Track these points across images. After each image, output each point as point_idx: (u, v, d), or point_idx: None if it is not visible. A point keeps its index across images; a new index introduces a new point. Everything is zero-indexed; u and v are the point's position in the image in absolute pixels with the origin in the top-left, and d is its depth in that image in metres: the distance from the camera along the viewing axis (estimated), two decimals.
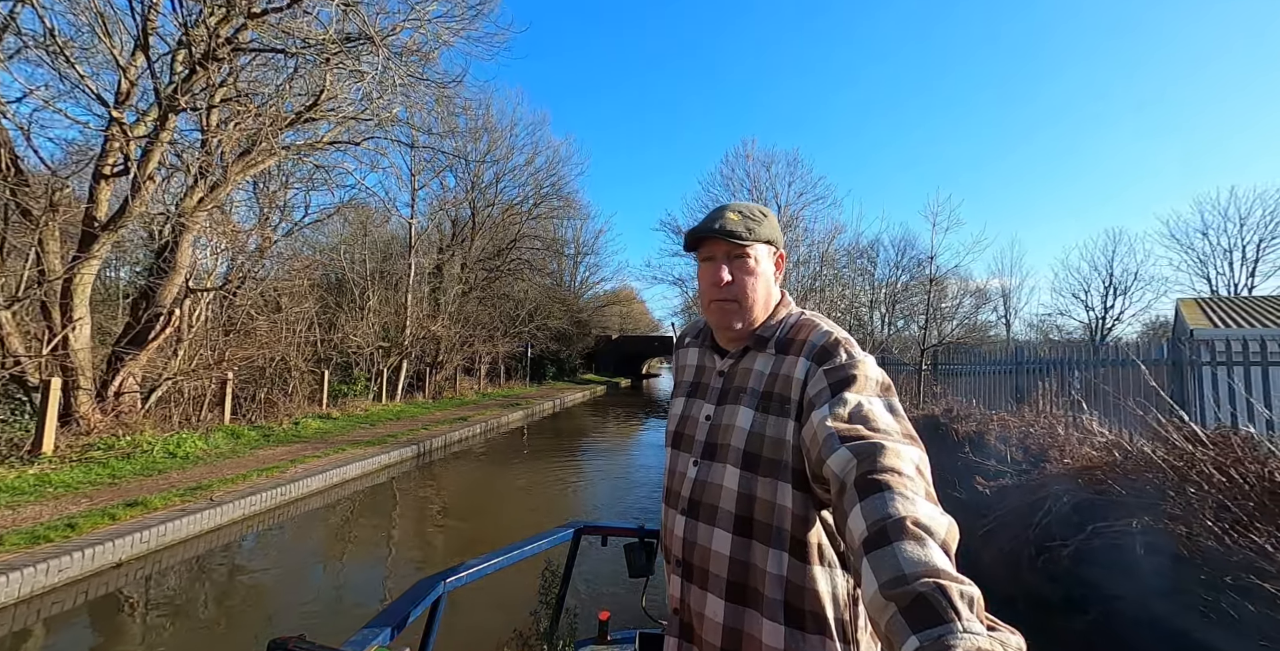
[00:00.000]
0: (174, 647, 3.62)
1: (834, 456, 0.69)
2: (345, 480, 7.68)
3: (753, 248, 0.94)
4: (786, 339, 0.93)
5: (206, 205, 9.07)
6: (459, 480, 8.62)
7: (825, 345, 0.86)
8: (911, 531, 0.55)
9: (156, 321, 8.92)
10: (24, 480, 5.77)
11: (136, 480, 6.31)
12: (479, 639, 3.25)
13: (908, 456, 0.66)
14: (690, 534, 0.91)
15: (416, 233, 18.67)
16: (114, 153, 7.78)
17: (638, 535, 1.68)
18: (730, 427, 0.91)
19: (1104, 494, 3.93)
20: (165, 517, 5.09)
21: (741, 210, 0.96)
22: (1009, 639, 0.45)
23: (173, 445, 7.64)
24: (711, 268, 0.95)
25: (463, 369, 20.76)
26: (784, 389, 0.87)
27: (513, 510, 7.10)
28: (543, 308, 26.97)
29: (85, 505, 5.25)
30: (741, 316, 0.94)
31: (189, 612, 4.06)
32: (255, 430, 9.57)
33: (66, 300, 7.62)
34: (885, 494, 0.60)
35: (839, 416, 0.74)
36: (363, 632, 1.03)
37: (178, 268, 9.20)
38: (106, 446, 7.21)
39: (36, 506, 5.15)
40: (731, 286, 0.93)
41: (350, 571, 5.03)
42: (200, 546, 5.21)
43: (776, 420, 0.86)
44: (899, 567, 0.52)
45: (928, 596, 0.47)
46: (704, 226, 0.93)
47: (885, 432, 0.71)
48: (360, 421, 11.99)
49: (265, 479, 6.70)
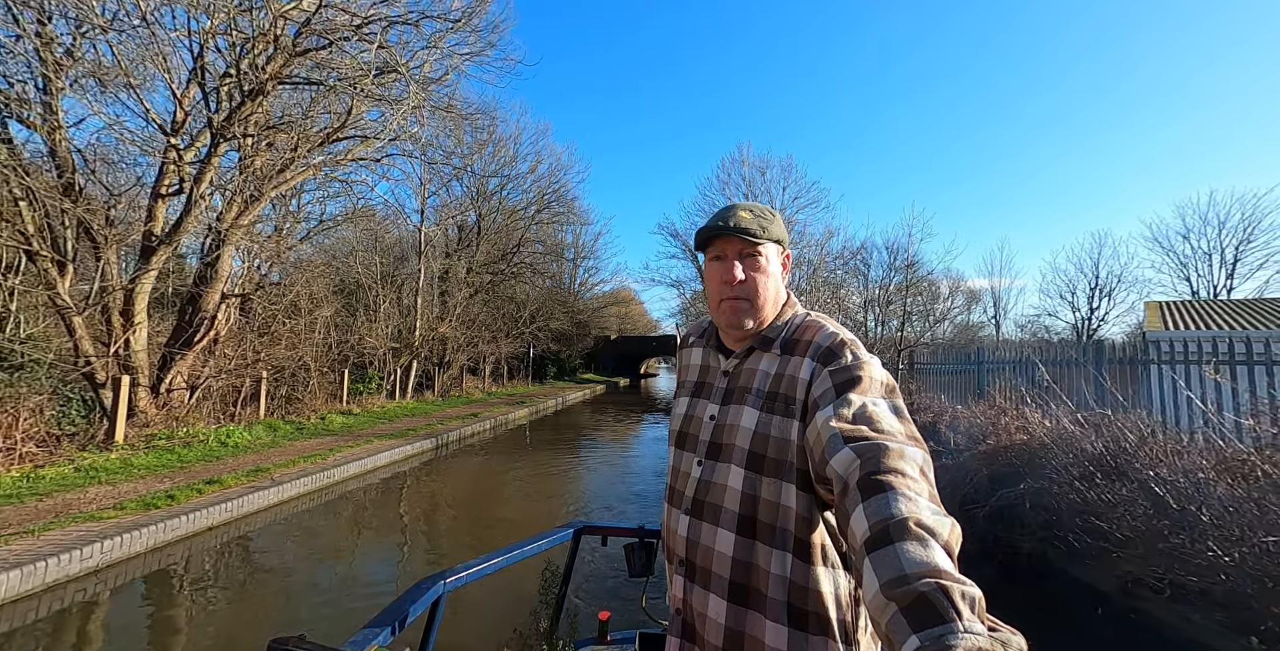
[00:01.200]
0: (268, 584, 4.57)
1: (837, 457, 0.70)
2: (377, 467, 8.63)
3: (764, 246, 0.94)
4: (792, 339, 0.93)
5: (244, 219, 10.01)
6: (476, 468, 9.58)
7: (831, 346, 0.87)
8: (914, 532, 0.55)
9: (201, 325, 9.85)
10: (111, 463, 6.71)
11: (201, 464, 7.25)
12: (479, 639, 3.27)
13: (911, 457, 0.67)
14: (693, 533, 0.91)
15: (426, 239, 19.59)
16: (170, 175, 8.72)
17: (638, 535, 1.69)
18: (735, 427, 0.91)
19: (1010, 466, 4.94)
20: (240, 493, 6.04)
21: (753, 209, 0.96)
22: (1010, 639, 0.45)
23: (223, 436, 8.58)
24: (722, 266, 0.95)
25: (468, 369, 21.71)
26: (789, 389, 0.88)
27: (525, 492, 8.06)
28: (544, 309, 27.94)
29: (169, 483, 6.19)
30: (752, 315, 0.94)
31: (271, 563, 5.01)
32: (288, 424, 10.50)
33: (129, 307, 8.56)
34: (888, 494, 0.60)
35: (843, 417, 0.74)
36: (363, 632, 1.03)
37: (219, 276, 10.13)
38: (167, 436, 8.14)
39: (130, 484, 6.09)
40: (744, 285, 0.93)
41: (396, 532, 5.99)
42: (271, 516, 6.17)
43: (781, 420, 0.86)
44: (900, 567, 0.52)
45: (929, 596, 0.48)
46: (716, 224, 0.93)
47: (889, 434, 0.71)
48: (378, 417, 12.93)
49: (311, 465, 7.64)
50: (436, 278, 21.50)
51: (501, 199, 24.64)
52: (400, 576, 4.87)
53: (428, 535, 6.13)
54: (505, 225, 24.63)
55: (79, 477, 6.11)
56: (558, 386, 26.60)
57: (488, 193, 23.83)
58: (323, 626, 3.92)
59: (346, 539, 5.80)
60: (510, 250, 25.20)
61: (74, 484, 5.95)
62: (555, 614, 1.96)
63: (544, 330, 27.46)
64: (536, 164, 25.94)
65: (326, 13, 8.48)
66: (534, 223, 26.68)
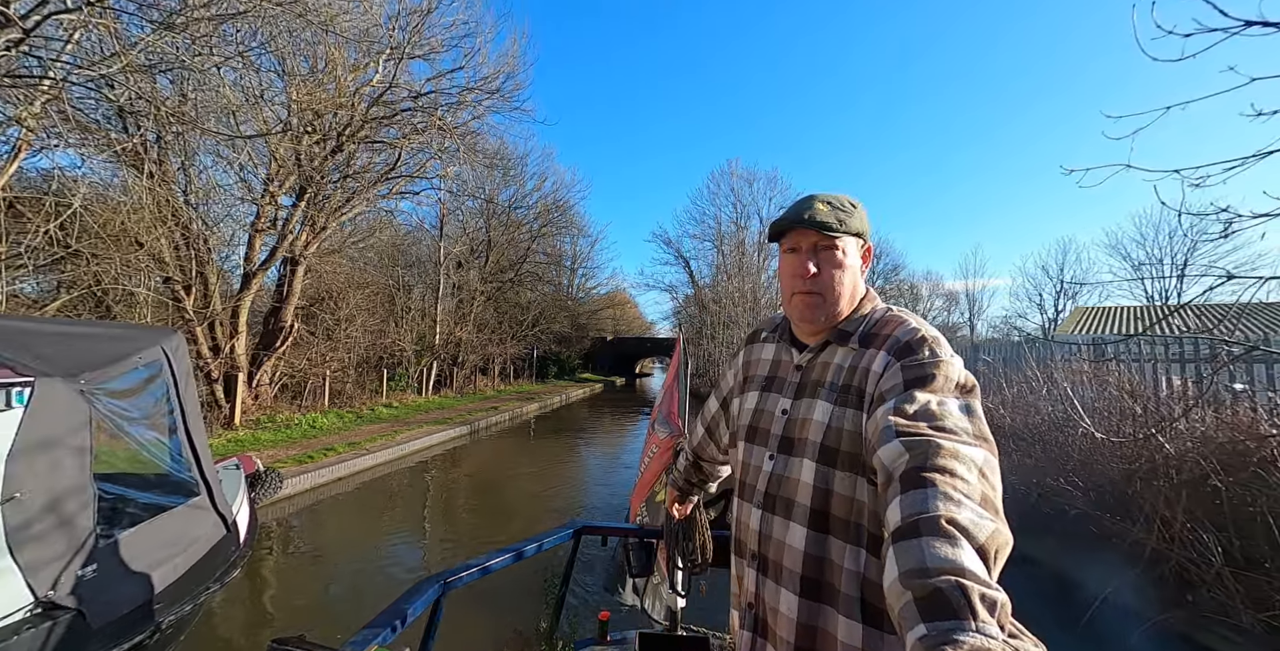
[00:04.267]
0: (389, 514, 6.88)
1: (885, 448, 0.70)
2: (430, 445, 10.95)
3: (842, 239, 0.92)
4: (870, 333, 0.91)
5: (312, 247, 12.28)
6: (510, 446, 11.92)
7: (910, 341, 0.85)
8: (944, 529, 0.55)
9: (280, 332, 12.11)
10: (243, 438, 8.98)
11: (304, 440, 9.52)
12: (479, 639, 3.32)
13: (967, 457, 0.65)
14: (765, 528, 0.92)
15: (445, 252, 21.88)
16: (265, 215, 10.98)
17: (638, 535, 1.70)
18: (807, 421, 0.90)
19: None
20: (350, 457, 8.35)
21: (831, 200, 0.93)
22: (1028, 648, 0.44)
23: (309, 421, 10.86)
24: (796, 259, 0.93)
25: (479, 368, 23.96)
26: (861, 382, 0.86)
27: (548, 460, 10.40)
28: (547, 313, 30.27)
29: (298, 450, 8.48)
30: (825, 310, 0.93)
31: (383, 503, 7.32)
32: (350, 413, 12.79)
33: (234, 320, 10.81)
34: (928, 490, 0.60)
35: (903, 411, 0.73)
36: (363, 633, 1.04)
37: (293, 292, 12.39)
38: (269, 421, 10.41)
39: (271, 451, 8.37)
40: (818, 279, 0.91)
41: (466, 476, 8.32)
42: (375, 473, 8.51)
43: (854, 414, 0.85)
44: (922, 560, 0.52)
45: (945, 592, 0.48)
46: (791, 216, 0.92)
47: (950, 432, 0.69)
48: (415, 410, 15.20)
49: (384, 442, 9.94)
50: (454, 287, 23.79)
51: (509, 214, 26.97)
52: (476, 495, 7.22)
53: (489, 479, 8.47)
54: (513, 238, 26.95)
55: (234, 447, 8.38)
56: (559, 385, 28.85)
57: (498, 210, 26.15)
58: (437, 519, 6.29)
59: (442, 479, 8.14)
60: (518, 260, 27.52)
61: (234, 452, 8.22)
62: (555, 614, 1.95)
63: (546, 333, 29.78)
64: (542, 182, 28.42)
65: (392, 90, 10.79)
66: (539, 235, 29.03)
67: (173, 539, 2.86)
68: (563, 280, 37.39)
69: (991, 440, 0.72)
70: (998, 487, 0.65)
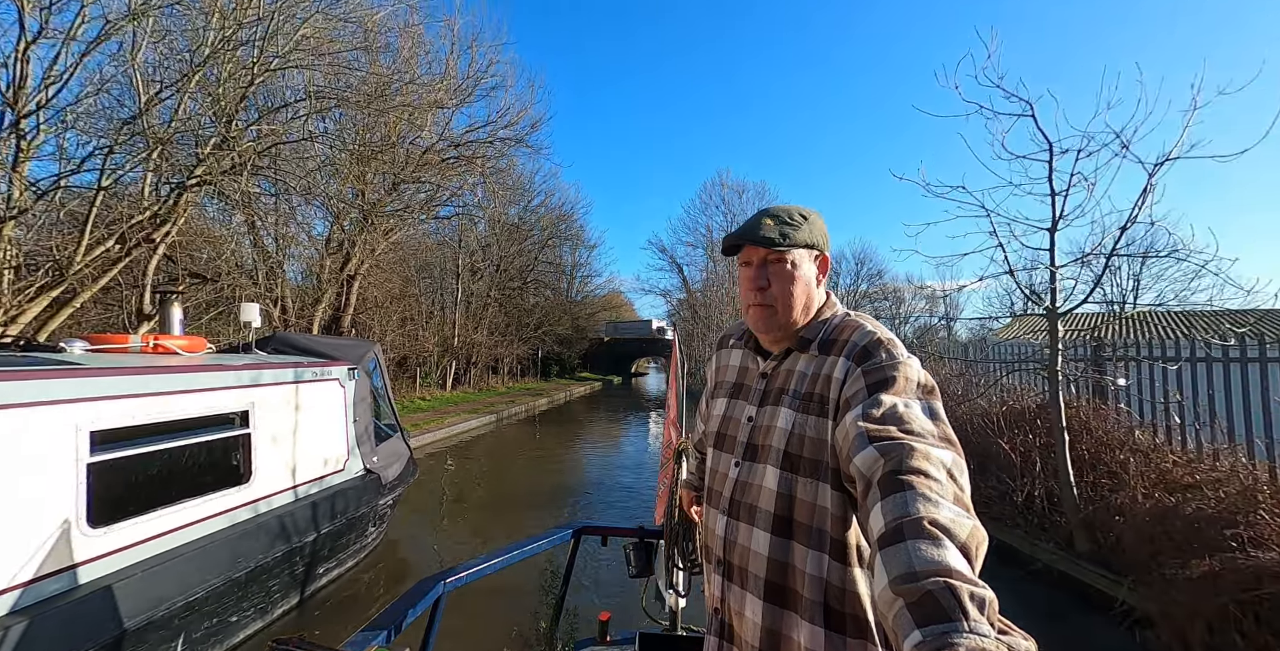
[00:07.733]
0: (472, 471, 9.37)
1: (861, 455, 0.71)
2: (470, 429, 13.50)
3: (790, 253, 0.94)
4: (829, 339, 0.93)
5: (365, 266, 14.79)
6: (527, 431, 14.48)
7: (866, 345, 0.87)
8: (928, 531, 0.56)
9: (339, 336, 14.60)
10: None
11: None
12: (479, 639, 3.35)
13: (937, 459, 0.67)
14: (731, 533, 0.93)
15: (463, 264, 24.45)
16: (333, 242, 13.50)
17: (638, 535, 1.72)
18: (771, 428, 0.92)
19: None
20: (415, 435, 10.85)
21: (779, 215, 0.95)
22: (1019, 643, 0.45)
23: None
24: (748, 273, 0.96)
25: (489, 367, 26.45)
26: (823, 389, 0.88)
27: (563, 442, 12.93)
28: (550, 316, 32.78)
29: None
30: (779, 320, 0.95)
31: (470, 458, 9.82)
32: (396, 403, 15.32)
33: (309, 329, 13.29)
34: (908, 493, 0.61)
35: (871, 417, 0.75)
36: (363, 633, 1.04)
37: (349, 303, 14.88)
38: None
39: None
40: (768, 292, 0.94)
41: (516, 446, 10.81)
42: (442, 444, 11.03)
43: (816, 420, 0.87)
44: (910, 564, 0.53)
45: (936, 594, 0.48)
46: (740, 232, 0.95)
47: (919, 434, 0.71)
48: (445, 402, 17.69)
49: (436, 425, 12.44)
50: (469, 294, 26.33)
51: (519, 228, 29.54)
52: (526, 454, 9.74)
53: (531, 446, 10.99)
54: (521, 248, 29.52)
55: None
56: (562, 383, 31.30)
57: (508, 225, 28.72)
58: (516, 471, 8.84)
59: (496, 450, 10.68)
60: (525, 268, 30.07)
61: None
62: (555, 614, 1.96)
63: (549, 334, 32.27)
64: (547, 198, 31.01)
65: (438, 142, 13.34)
66: (545, 246, 31.62)
67: (395, 453, 5.45)
68: (563, 284, 39.93)
69: (956, 441, 0.73)
70: (966, 488, 0.66)
